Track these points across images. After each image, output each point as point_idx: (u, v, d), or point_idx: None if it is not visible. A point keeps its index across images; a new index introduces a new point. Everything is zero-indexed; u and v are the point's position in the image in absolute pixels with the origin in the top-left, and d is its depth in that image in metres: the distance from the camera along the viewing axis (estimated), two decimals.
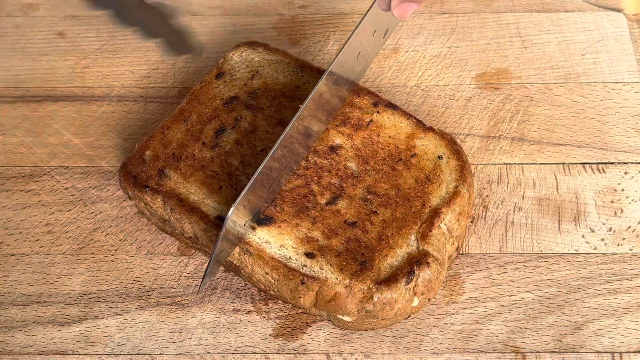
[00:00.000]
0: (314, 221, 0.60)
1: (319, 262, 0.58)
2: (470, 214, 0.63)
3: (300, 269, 0.58)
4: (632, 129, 0.71)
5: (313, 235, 0.59)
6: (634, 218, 0.66)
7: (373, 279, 0.57)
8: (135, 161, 0.64)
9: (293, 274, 0.58)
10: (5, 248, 0.66)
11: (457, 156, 0.63)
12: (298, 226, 0.60)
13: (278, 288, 0.59)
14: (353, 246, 0.59)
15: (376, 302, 0.57)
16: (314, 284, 0.57)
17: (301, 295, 0.58)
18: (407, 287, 0.57)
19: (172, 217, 0.62)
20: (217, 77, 0.68)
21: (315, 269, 0.58)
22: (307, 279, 0.57)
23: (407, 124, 0.64)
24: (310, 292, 0.58)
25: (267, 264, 0.58)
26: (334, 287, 0.57)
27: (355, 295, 0.57)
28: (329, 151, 0.63)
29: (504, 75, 0.75)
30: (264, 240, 0.59)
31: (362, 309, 0.57)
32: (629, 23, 0.78)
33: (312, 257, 0.58)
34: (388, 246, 0.59)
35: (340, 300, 0.57)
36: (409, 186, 0.62)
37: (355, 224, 0.60)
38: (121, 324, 0.62)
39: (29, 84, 0.76)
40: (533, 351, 0.60)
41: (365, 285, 0.57)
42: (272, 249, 0.59)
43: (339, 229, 0.60)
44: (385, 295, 0.57)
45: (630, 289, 0.63)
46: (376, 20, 0.63)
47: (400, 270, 0.58)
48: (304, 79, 0.68)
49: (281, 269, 0.58)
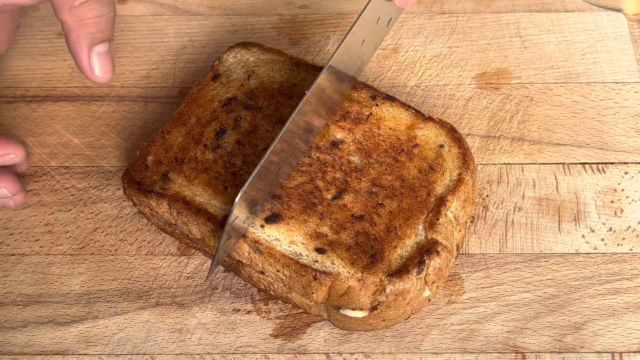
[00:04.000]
0: (322, 216, 0.60)
1: (330, 257, 0.58)
2: (474, 200, 0.64)
3: (312, 264, 0.58)
4: (632, 129, 0.71)
5: (322, 231, 0.59)
6: (634, 218, 0.66)
7: (384, 271, 0.58)
8: (138, 167, 0.64)
9: (305, 270, 0.58)
10: (5, 248, 0.66)
11: (459, 144, 0.63)
12: (306, 222, 0.60)
13: (290, 285, 0.59)
14: (362, 239, 0.59)
15: (389, 293, 0.57)
16: (327, 279, 0.57)
17: (314, 291, 0.58)
18: (419, 277, 0.58)
19: (179, 221, 0.62)
20: (214, 79, 0.68)
21: (326, 264, 0.58)
22: (320, 275, 0.57)
23: (407, 115, 0.65)
24: (324, 287, 0.58)
25: (278, 261, 0.58)
26: (346, 281, 0.57)
27: (368, 288, 0.57)
28: (331, 147, 0.63)
29: (504, 75, 0.75)
30: (273, 237, 0.59)
31: (375, 300, 0.57)
32: (629, 23, 0.78)
33: (322, 252, 0.58)
34: (397, 237, 0.59)
35: (354, 294, 0.57)
36: (413, 176, 0.62)
37: (362, 217, 0.60)
38: (121, 324, 0.62)
39: (29, 84, 0.76)
40: (533, 351, 0.60)
41: (377, 278, 0.57)
42: (282, 246, 0.59)
43: (347, 223, 0.60)
44: (398, 287, 0.57)
45: (630, 289, 0.63)
46: (379, 9, 0.63)
47: (410, 261, 0.58)
48: (300, 76, 0.68)
49: (293, 265, 0.58)
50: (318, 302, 0.59)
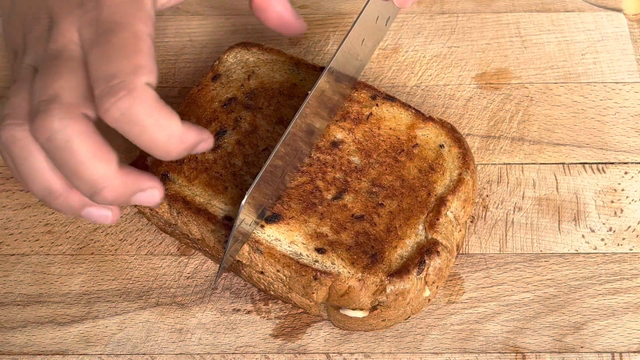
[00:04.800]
0: (322, 216, 0.60)
1: (330, 257, 0.58)
2: (474, 200, 0.64)
3: (312, 264, 0.58)
4: (632, 129, 0.71)
5: (322, 231, 0.59)
6: (634, 218, 0.66)
7: (385, 271, 0.58)
8: (138, 167, 0.64)
9: (305, 270, 0.58)
10: (5, 248, 0.66)
11: (459, 144, 0.63)
12: (306, 222, 0.60)
13: (290, 285, 0.59)
14: (362, 239, 0.59)
15: (389, 293, 0.57)
16: (327, 279, 0.57)
17: (314, 291, 0.58)
18: (419, 277, 0.58)
19: (179, 221, 0.62)
20: (214, 79, 0.68)
21: (327, 264, 0.58)
22: (320, 275, 0.57)
23: (407, 115, 0.65)
24: (324, 287, 0.58)
25: (278, 261, 0.58)
26: (346, 281, 0.57)
27: (368, 288, 0.57)
28: (331, 147, 0.63)
29: (504, 75, 0.75)
30: (273, 237, 0.59)
31: (375, 300, 0.57)
32: (629, 23, 0.78)
33: (323, 252, 0.58)
34: (397, 237, 0.59)
35: (354, 293, 0.57)
36: (413, 176, 0.62)
37: (362, 217, 0.60)
38: (121, 324, 0.62)
39: None
40: (533, 351, 0.60)
41: (377, 278, 0.57)
42: (282, 246, 0.59)
43: (347, 223, 0.60)
44: (398, 287, 0.57)
45: (630, 289, 0.63)
46: (378, 8, 0.64)
47: (411, 261, 0.58)
48: (300, 76, 0.68)
49: (293, 265, 0.58)
50: (318, 302, 0.59)
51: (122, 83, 0.52)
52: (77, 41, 0.55)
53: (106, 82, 0.52)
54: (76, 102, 0.53)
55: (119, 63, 0.53)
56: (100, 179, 0.53)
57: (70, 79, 0.54)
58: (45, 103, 0.53)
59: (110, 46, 0.53)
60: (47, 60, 0.55)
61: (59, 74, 0.54)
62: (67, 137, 0.52)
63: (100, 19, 0.55)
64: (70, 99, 0.53)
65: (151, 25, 0.56)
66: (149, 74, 0.53)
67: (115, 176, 0.54)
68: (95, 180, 0.53)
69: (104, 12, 0.55)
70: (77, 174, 0.53)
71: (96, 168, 0.53)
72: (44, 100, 0.53)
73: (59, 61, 0.54)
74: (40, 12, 0.58)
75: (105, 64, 0.53)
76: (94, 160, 0.53)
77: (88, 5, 0.56)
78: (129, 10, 0.55)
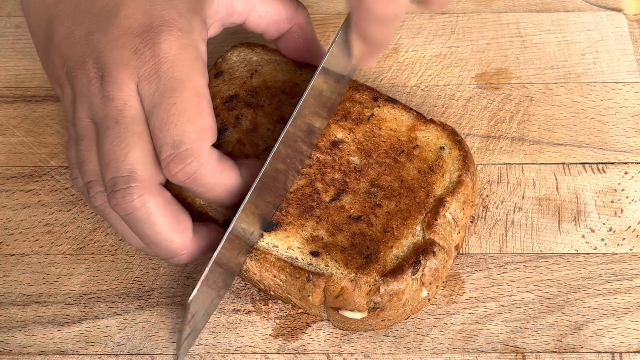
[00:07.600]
0: (319, 220, 0.60)
1: (324, 260, 0.58)
2: (474, 202, 0.64)
3: (306, 267, 0.58)
4: (632, 129, 0.71)
5: (318, 234, 0.59)
6: (634, 218, 0.66)
7: (379, 271, 0.57)
8: None
9: (299, 273, 0.58)
10: (5, 248, 0.66)
11: (459, 146, 0.63)
12: (303, 227, 0.60)
13: (287, 289, 0.59)
14: (358, 240, 0.59)
15: (383, 293, 0.57)
16: (320, 281, 0.57)
17: (309, 294, 0.58)
18: (414, 277, 0.57)
19: None
20: (216, 76, 0.68)
21: (320, 266, 0.58)
22: (312, 276, 0.57)
23: (408, 117, 0.65)
24: (318, 289, 0.58)
25: (273, 265, 0.58)
26: (339, 282, 0.57)
27: (361, 288, 0.57)
28: (331, 146, 0.63)
29: (504, 75, 0.75)
30: (271, 245, 0.59)
31: (370, 301, 0.57)
32: (629, 23, 0.78)
33: (317, 255, 0.58)
34: (393, 237, 0.59)
35: (348, 294, 0.57)
36: (412, 177, 0.62)
37: (359, 217, 0.60)
38: (121, 324, 0.62)
39: (29, 84, 0.76)
40: (533, 351, 0.60)
41: (371, 278, 0.57)
42: (279, 251, 0.59)
43: (343, 224, 0.60)
44: (392, 287, 0.57)
45: (630, 289, 0.63)
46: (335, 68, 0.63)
47: (406, 261, 0.58)
48: (302, 76, 0.68)
49: (287, 268, 0.58)
50: (316, 305, 0.59)
51: (188, 150, 0.54)
52: (136, 96, 0.55)
53: (173, 148, 0.54)
54: (150, 175, 0.55)
55: (184, 128, 0.54)
56: (178, 249, 0.56)
57: (140, 150, 0.54)
58: (122, 181, 0.54)
59: (174, 110, 0.54)
60: (110, 121, 0.55)
61: (128, 145, 0.54)
62: (147, 212, 0.54)
63: (160, 74, 0.54)
64: (145, 172, 0.54)
65: (206, 72, 0.57)
66: (212, 137, 0.55)
67: (191, 244, 0.57)
68: (174, 250, 0.56)
69: (162, 66, 0.55)
70: (156, 244, 0.56)
71: (174, 239, 0.56)
72: (121, 178, 0.54)
73: (122, 127, 0.54)
74: (85, 54, 0.57)
75: (172, 129, 0.54)
76: (172, 233, 0.56)
77: (145, 55, 0.55)
78: (187, 61, 0.55)
